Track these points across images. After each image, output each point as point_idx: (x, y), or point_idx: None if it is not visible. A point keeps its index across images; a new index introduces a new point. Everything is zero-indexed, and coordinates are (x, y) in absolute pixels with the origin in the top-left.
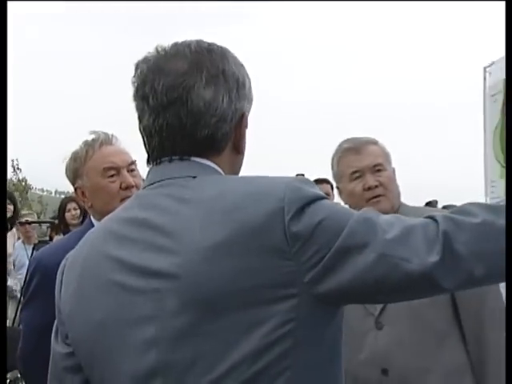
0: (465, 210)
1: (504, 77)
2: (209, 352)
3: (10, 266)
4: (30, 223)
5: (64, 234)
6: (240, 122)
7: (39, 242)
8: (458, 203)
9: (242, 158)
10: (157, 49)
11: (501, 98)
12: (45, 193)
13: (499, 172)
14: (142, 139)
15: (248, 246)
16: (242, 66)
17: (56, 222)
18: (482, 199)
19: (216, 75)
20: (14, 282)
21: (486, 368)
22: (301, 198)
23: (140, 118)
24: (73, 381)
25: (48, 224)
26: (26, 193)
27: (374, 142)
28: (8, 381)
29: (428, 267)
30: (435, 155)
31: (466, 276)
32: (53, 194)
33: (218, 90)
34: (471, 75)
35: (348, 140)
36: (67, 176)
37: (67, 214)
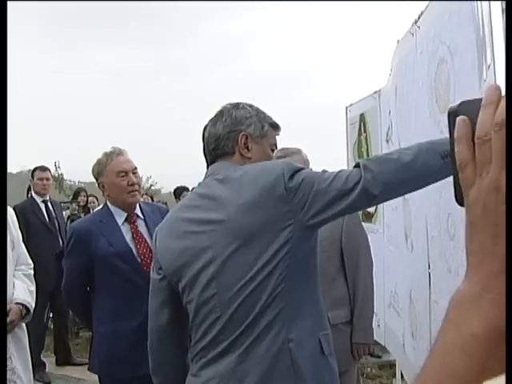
0: (391, 152)
1: (360, 112)
2: (243, 265)
3: None
4: (65, 203)
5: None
6: (237, 139)
7: (72, 214)
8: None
9: (255, 160)
10: None
11: (357, 125)
12: (72, 183)
13: None
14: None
15: (265, 199)
16: (245, 108)
17: (81, 203)
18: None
19: (216, 116)
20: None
21: (356, 298)
22: (292, 169)
23: None
24: (163, 294)
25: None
26: (62, 182)
27: (299, 152)
28: None
29: (363, 184)
30: (323, 157)
31: (383, 188)
32: (77, 184)
33: (215, 124)
34: (337, 111)
35: (281, 150)
36: (93, 174)
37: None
